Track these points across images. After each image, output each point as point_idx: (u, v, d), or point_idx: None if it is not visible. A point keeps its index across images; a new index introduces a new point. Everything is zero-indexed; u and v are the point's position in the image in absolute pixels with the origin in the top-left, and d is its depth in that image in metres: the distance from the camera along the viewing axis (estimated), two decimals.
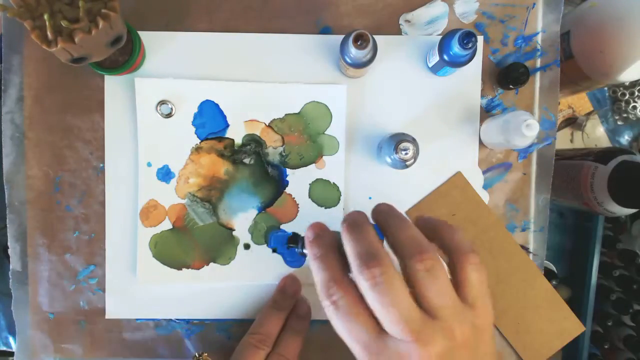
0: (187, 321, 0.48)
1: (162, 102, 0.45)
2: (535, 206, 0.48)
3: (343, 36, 0.41)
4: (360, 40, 0.39)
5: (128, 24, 0.42)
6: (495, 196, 0.48)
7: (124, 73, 0.45)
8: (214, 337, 0.49)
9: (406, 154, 0.40)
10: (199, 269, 0.47)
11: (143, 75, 0.46)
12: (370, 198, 0.48)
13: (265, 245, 0.47)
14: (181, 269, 0.47)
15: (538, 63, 0.48)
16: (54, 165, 0.47)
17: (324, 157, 0.47)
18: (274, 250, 0.47)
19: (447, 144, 0.47)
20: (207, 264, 0.47)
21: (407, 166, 0.41)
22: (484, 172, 0.48)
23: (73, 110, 0.47)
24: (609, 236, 0.87)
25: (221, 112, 0.46)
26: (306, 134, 0.47)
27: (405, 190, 0.48)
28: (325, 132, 0.47)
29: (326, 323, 0.49)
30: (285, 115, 0.46)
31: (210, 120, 0.46)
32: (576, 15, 0.56)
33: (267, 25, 0.47)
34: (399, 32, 0.47)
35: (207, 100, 0.46)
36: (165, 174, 0.46)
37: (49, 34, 0.34)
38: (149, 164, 0.46)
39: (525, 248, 0.48)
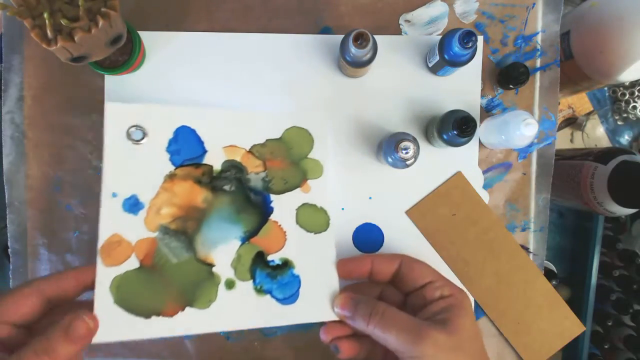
0: None
1: (133, 127, 0.40)
2: (535, 206, 0.48)
3: (343, 36, 0.41)
4: (360, 40, 0.39)
5: (128, 23, 0.42)
6: (495, 196, 0.48)
7: (124, 73, 0.45)
8: (213, 337, 0.49)
9: (407, 153, 0.40)
10: (172, 315, 0.39)
11: (143, 75, 0.46)
12: (370, 198, 0.48)
13: (251, 281, 0.41)
14: (150, 317, 0.38)
15: (538, 63, 0.48)
16: (53, 165, 0.47)
17: (308, 180, 0.44)
18: (260, 289, 0.41)
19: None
20: (183, 309, 0.39)
21: (407, 165, 0.41)
22: (484, 172, 0.48)
23: (73, 110, 0.47)
24: (609, 236, 0.87)
25: (198, 138, 0.42)
26: (289, 159, 0.44)
27: (405, 190, 0.48)
28: (309, 156, 0.44)
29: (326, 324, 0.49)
30: (266, 140, 0.44)
31: (186, 146, 0.42)
32: (576, 15, 0.56)
33: (267, 25, 0.47)
34: (399, 32, 0.47)
35: (183, 126, 0.42)
36: (132, 205, 0.40)
37: (48, 32, 0.34)
38: (114, 195, 0.39)
39: (525, 248, 0.48)
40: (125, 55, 0.43)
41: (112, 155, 0.40)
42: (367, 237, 0.48)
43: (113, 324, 0.37)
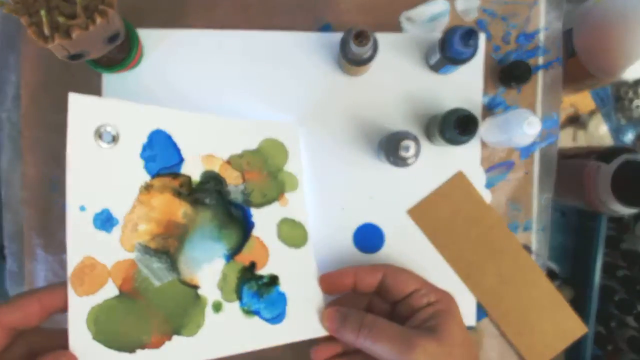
0: None
1: (103, 127, 0.35)
2: (538, 205, 0.48)
3: (343, 33, 0.41)
4: (361, 37, 0.38)
5: (126, 21, 0.42)
6: (497, 195, 0.48)
7: (121, 71, 0.44)
8: None
9: (408, 152, 0.39)
10: (159, 347, 0.35)
11: (141, 73, 0.46)
12: (370, 197, 0.47)
13: (238, 302, 0.38)
14: (135, 351, 0.34)
15: (540, 61, 0.47)
16: (50, 164, 0.47)
17: (285, 194, 0.43)
18: (248, 309, 0.39)
19: None
20: (170, 338, 0.35)
21: (408, 164, 0.41)
22: (486, 171, 0.47)
23: None
24: (612, 236, 0.86)
25: (174, 144, 0.38)
26: (266, 171, 0.43)
27: (406, 189, 0.47)
28: (284, 169, 0.44)
29: None
30: (243, 151, 0.42)
31: (162, 152, 0.38)
32: (579, 12, 0.55)
33: (266, 22, 0.46)
34: (399, 29, 0.47)
35: (158, 129, 0.38)
36: (105, 221, 0.35)
37: (45, 30, 0.33)
38: (83, 208, 0.34)
39: (527, 248, 0.48)
40: (123, 53, 0.43)
41: (78, 159, 0.34)
42: (368, 237, 0.47)
43: None
